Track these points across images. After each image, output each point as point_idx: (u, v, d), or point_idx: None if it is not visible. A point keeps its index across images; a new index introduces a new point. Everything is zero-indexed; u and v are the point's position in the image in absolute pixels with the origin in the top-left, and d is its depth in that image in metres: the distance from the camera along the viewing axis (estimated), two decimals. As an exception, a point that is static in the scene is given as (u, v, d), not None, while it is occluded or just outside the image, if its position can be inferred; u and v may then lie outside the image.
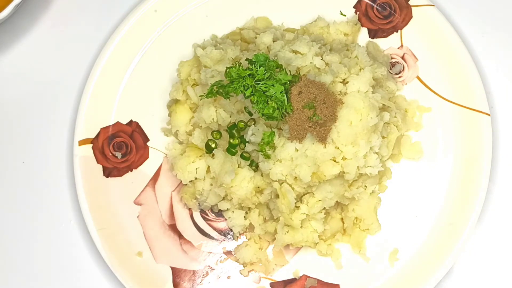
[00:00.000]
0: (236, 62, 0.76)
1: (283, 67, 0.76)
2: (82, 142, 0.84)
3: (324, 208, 0.80)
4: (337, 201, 0.81)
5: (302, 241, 0.81)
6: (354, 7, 0.87)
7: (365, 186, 0.82)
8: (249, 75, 0.75)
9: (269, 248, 0.84)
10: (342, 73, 0.78)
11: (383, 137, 0.81)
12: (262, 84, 0.75)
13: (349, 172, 0.78)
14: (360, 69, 0.80)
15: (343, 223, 0.83)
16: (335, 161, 0.77)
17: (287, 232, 0.80)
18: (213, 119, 0.79)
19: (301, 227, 0.80)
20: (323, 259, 0.84)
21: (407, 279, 0.83)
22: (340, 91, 0.78)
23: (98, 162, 0.84)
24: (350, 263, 0.84)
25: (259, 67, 0.75)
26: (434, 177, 0.85)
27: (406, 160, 0.85)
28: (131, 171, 0.85)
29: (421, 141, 0.85)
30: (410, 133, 0.86)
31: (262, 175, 0.79)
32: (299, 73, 0.79)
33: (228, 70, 0.75)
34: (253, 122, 0.78)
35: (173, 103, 0.84)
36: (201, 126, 0.81)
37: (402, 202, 0.85)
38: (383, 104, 0.81)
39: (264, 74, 0.75)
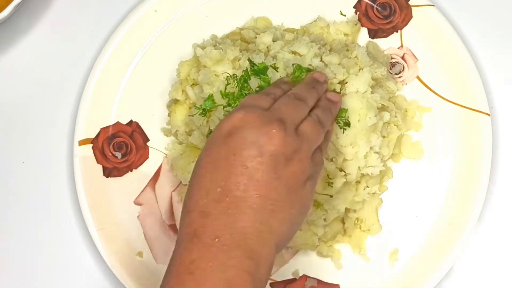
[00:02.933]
0: (228, 78, 0.77)
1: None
2: (82, 142, 0.84)
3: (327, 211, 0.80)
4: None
5: (302, 244, 0.81)
6: (354, 7, 0.86)
7: (367, 186, 0.81)
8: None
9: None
10: (340, 74, 0.78)
11: (384, 137, 0.81)
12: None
13: (350, 173, 0.78)
14: (359, 69, 0.80)
15: (344, 223, 0.83)
16: (332, 160, 0.77)
17: None
18: (202, 122, 0.78)
19: (300, 230, 0.80)
20: (323, 259, 0.84)
21: (407, 279, 0.83)
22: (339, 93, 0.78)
23: (98, 162, 0.84)
24: (350, 263, 0.84)
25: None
26: (434, 177, 0.84)
27: (406, 161, 0.85)
28: (131, 171, 0.85)
29: (421, 141, 0.85)
30: (410, 133, 0.85)
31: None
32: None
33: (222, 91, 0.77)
34: None
35: (173, 103, 0.84)
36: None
37: (402, 202, 0.84)
38: (383, 104, 0.81)
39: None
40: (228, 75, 0.78)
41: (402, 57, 0.86)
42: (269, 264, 0.61)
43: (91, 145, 0.84)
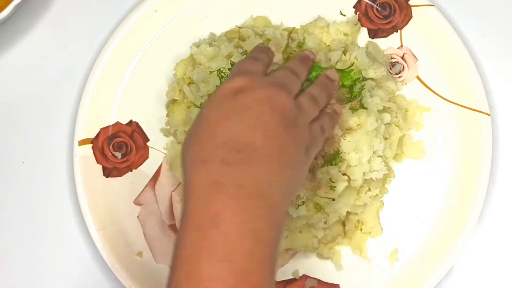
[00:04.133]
0: (219, 72, 0.78)
1: None
2: (82, 142, 0.84)
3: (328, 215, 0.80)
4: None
5: (302, 246, 0.81)
6: (354, 7, 0.86)
7: (369, 190, 0.81)
8: None
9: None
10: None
11: (386, 138, 0.81)
12: None
13: (355, 179, 0.78)
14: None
15: (344, 226, 0.83)
16: (335, 164, 0.77)
17: (286, 236, 0.80)
18: None
19: (300, 232, 0.80)
20: (323, 260, 0.83)
21: (407, 279, 0.83)
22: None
23: (98, 162, 0.84)
24: (350, 263, 0.83)
25: None
26: (434, 177, 0.84)
27: (406, 161, 0.85)
28: (131, 171, 0.85)
29: (422, 141, 0.85)
30: (411, 133, 0.85)
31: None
32: None
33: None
34: None
35: (171, 103, 0.84)
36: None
37: (402, 202, 0.84)
38: (383, 106, 0.81)
39: None
40: (218, 70, 0.78)
41: (402, 57, 0.86)
42: (284, 217, 0.60)
43: (91, 145, 0.84)
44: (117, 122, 0.86)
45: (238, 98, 0.62)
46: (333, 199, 0.78)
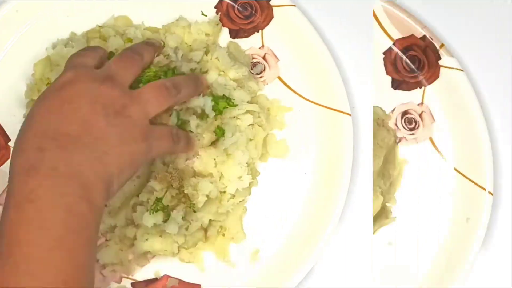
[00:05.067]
0: None
1: None
2: None
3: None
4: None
5: (161, 250, 0.80)
6: (215, 7, 0.86)
7: (232, 196, 0.82)
8: None
9: (131, 248, 0.84)
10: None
11: (250, 140, 0.81)
12: None
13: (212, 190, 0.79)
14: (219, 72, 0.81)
15: (206, 231, 0.83)
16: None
17: (146, 240, 0.80)
18: None
19: (161, 236, 0.80)
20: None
21: (268, 278, 0.83)
22: None
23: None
24: (213, 263, 0.84)
25: None
26: (296, 177, 0.84)
27: (268, 161, 0.85)
28: (-8, 171, 0.85)
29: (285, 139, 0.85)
30: (274, 132, 0.85)
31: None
32: None
33: None
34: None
35: (31, 103, 0.83)
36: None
37: (264, 202, 0.84)
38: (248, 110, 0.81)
39: None
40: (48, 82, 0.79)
41: (263, 57, 0.86)
42: (103, 196, 0.66)
43: None
44: (-23, 123, 0.85)
45: (62, 92, 0.67)
46: (194, 211, 0.79)
